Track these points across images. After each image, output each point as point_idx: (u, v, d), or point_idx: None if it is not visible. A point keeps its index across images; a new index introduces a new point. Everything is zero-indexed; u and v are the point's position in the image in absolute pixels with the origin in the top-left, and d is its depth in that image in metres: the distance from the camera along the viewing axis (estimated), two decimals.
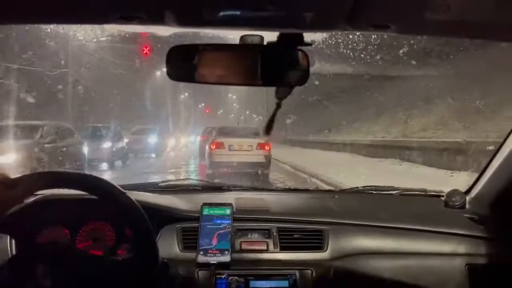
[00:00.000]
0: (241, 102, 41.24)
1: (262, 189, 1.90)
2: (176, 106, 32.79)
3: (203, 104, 42.20)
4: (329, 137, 17.44)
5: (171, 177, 8.66)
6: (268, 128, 1.09)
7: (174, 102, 32.13)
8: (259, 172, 9.07)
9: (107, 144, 12.79)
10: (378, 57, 14.29)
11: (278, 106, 1.03)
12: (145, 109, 25.00)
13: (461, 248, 1.42)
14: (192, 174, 11.06)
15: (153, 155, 16.26)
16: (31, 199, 1.32)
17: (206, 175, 8.97)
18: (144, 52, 16.88)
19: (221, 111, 47.40)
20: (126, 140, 14.89)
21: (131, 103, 23.39)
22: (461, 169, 7.28)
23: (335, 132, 17.58)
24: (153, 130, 18.02)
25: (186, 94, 36.62)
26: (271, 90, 1.02)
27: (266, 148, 9.37)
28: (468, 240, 1.43)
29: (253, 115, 36.14)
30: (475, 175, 1.62)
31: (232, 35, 0.97)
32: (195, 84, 1.05)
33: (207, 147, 10.06)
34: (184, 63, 0.97)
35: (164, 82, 26.79)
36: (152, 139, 17.04)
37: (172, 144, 22.03)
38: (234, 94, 40.92)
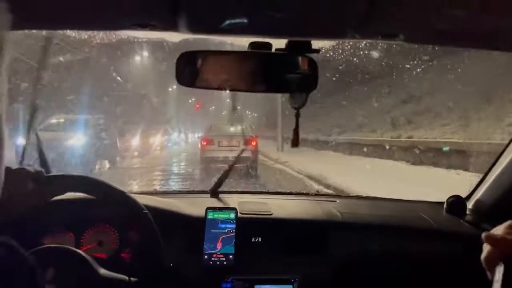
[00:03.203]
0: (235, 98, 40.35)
1: (265, 193, 1.90)
2: (160, 99, 28.24)
3: (193, 99, 40.69)
4: (366, 136, 12.06)
5: None
6: (295, 141, 1.08)
7: (158, 94, 28.00)
8: (248, 164, 9.66)
9: None
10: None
11: (297, 115, 1.03)
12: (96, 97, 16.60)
13: (461, 252, 1.42)
14: None
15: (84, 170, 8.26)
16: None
17: (199, 170, 9.65)
18: None
19: (213, 107, 46.63)
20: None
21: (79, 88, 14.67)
22: None
23: (357, 131, 13.24)
24: (93, 122, 10.78)
25: (175, 87, 34.52)
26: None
27: (253, 143, 10.11)
28: (468, 245, 1.45)
29: (247, 111, 35.28)
30: None
31: (242, 42, 0.98)
32: None
33: (199, 144, 10.85)
34: (193, 69, 0.97)
35: (145, 72, 22.92)
36: (80, 141, 9.63)
37: (138, 145, 14.73)
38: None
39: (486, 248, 0.68)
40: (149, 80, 24.24)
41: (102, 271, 1.10)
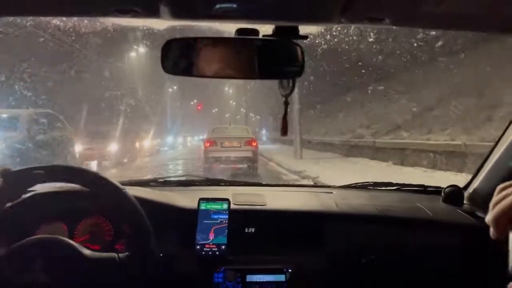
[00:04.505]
0: (238, 99, 39.50)
1: (260, 184, 1.90)
2: (159, 101, 26.84)
3: (195, 101, 38.20)
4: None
5: None
6: (284, 129, 1.06)
7: (158, 96, 26.83)
8: (249, 164, 10.51)
9: None
10: None
11: (286, 103, 1.02)
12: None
13: (459, 242, 1.42)
14: None
15: None
16: (30, 193, 1.33)
17: (202, 169, 10.27)
18: None
19: (216, 109, 46.16)
20: None
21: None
22: None
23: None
24: (26, 120, 8.07)
25: (175, 87, 32.02)
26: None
27: (253, 144, 10.82)
28: (466, 234, 1.44)
29: (250, 114, 34.67)
30: None
31: (228, 28, 0.98)
32: (186, 78, 1.05)
33: (202, 146, 11.44)
34: (180, 57, 0.97)
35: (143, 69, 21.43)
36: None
37: (120, 151, 12.09)
38: (231, 89, 39.09)
39: (498, 206, 0.60)
40: (144, 78, 22.42)
41: (88, 252, 1.11)
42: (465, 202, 1.57)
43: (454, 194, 1.57)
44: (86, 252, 1.10)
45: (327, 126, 14.40)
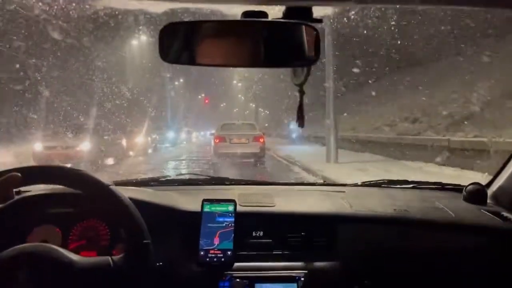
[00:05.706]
0: (247, 93, 38.99)
1: (267, 183, 1.81)
2: (161, 93, 25.38)
3: (202, 95, 38.51)
4: None
5: None
6: (300, 120, 0.98)
7: (159, 87, 25.69)
8: (255, 159, 11.03)
9: None
10: None
11: (301, 93, 0.94)
12: None
13: (483, 244, 1.33)
14: None
15: None
16: (22, 195, 1.25)
17: (212, 164, 10.80)
18: None
19: (224, 103, 46.19)
20: None
21: None
22: None
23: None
24: None
25: (182, 80, 31.52)
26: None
27: (261, 140, 11.33)
28: (489, 236, 1.35)
29: (259, 108, 34.14)
30: None
31: (233, 11, 0.88)
32: (193, 71, 0.96)
33: (212, 141, 12.15)
34: (180, 43, 0.87)
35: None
36: None
37: (95, 149, 9.76)
38: (240, 82, 38.74)
39: None
40: (144, 67, 21.50)
41: (78, 258, 1.00)
42: (488, 201, 1.48)
43: (476, 193, 1.48)
44: (77, 260, 1.00)
45: (354, 120, 12.06)
